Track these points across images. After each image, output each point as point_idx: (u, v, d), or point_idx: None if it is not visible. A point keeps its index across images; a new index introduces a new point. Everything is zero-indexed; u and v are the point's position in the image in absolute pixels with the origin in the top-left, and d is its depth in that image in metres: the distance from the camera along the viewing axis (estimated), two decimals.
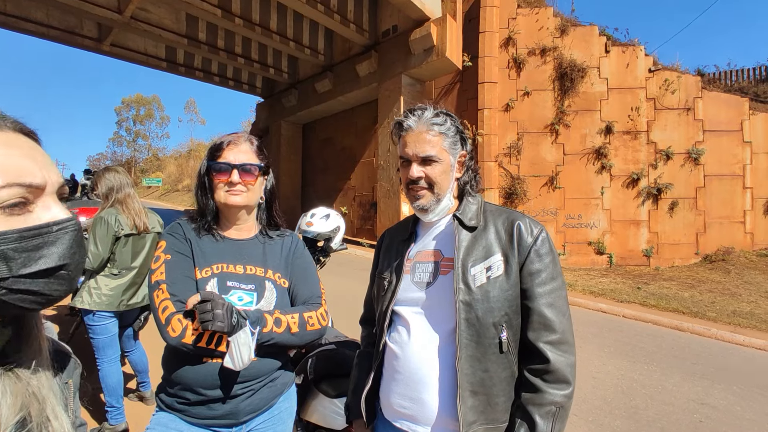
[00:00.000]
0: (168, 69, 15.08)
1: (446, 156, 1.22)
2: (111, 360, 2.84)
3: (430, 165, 1.21)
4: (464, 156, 1.28)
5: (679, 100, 10.05)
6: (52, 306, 2.12)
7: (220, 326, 1.11)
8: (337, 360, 1.87)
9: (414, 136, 1.22)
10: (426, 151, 1.20)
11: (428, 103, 1.27)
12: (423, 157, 1.20)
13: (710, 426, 3.29)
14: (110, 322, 2.82)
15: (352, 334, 2.23)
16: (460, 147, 1.26)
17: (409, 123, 1.23)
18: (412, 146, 1.21)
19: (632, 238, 10.15)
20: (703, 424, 3.31)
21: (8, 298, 0.50)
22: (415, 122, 1.22)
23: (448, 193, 1.24)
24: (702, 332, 5.72)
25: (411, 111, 1.24)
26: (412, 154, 1.21)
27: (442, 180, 1.22)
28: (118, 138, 55.56)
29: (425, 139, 1.20)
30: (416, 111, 1.24)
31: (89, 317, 2.77)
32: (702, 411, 3.52)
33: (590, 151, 10.26)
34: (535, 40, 10.64)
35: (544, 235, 1.17)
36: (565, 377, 1.08)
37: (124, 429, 2.85)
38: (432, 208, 1.23)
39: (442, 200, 1.24)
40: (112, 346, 2.86)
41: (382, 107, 12.13)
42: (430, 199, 1.22)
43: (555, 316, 1.11)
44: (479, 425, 1.09)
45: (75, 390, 0.71)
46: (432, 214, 1.25)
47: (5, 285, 0.50)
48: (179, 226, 1.41)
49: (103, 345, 2.81)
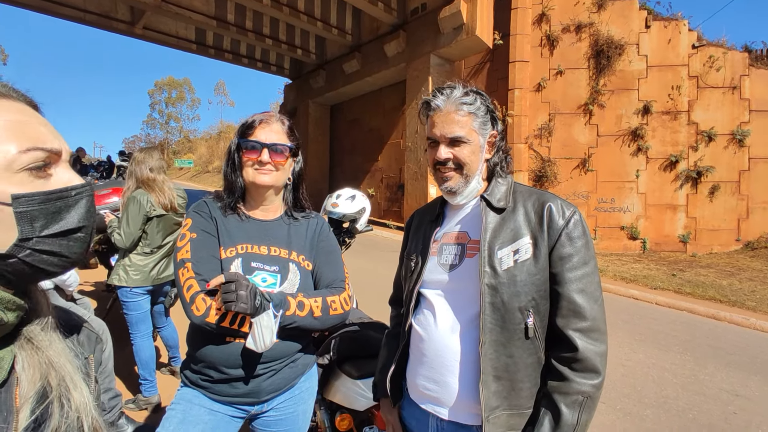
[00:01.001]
0: (198, 51, 15.24)
1: (475, 136, 1.18)
2: (144, 335, 2.97)
3: (459, 146, 1.17)
4: (494, 136, 1.23)
5: (724, 78, 9.48)
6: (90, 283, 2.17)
7: (243, 308, 1.11)
8: (360, 341, 1.89)
9: (442, 116, 1.18)
10: (454, 131, 1.16)
11: (457, 82, 1.22)
12: (451, 137, 1.17)
13: (744, 418, 3.18)
14: (143, 299, 2.94)
15: (377, 316, 2.24)
16: (490, 127, 1.21)
17: (437, 102, 1.19)
18: (440, 126, 1.18)
19: (668, 223, 9.77)
20: (737, 416, 3.20)
21: (32, 259, 0.53)
22: (444, 101, 1.18)
23: (477, 174, 1.21)
24: (740, 322, 5.50)
25: (439, 90, 1.20)
26: (440, 135, 1.18)
27: (471, 161, 1.18)
28: (151, 120, 56.89)
29: (454, 119, 1.16)
30: (445, 90, 1.19)
31: (124, 294, 2.89)
32: (736, 403, 3.41)
33: (626, 132, 9.86)
34: (570, 16, 10.18)
35: (577, 217, 1.11)
36: (594, 366, 1.04)
37: (157, 401, 2.99)
38: (460, 190, 1.20)
39: (471, 182, 1.20)
40: (145, 321, 2.99)
41: (410, 88, 11.95)
42: (458, 181, 1.19)
43: (586, 302, 1.07)
44: (502, 410, 1.07)
45: (97, 365, 0.72)
46: (460, 197, 1.22)
47: (30, 245, 0.52)
48: (205, 204, 1.41)
49: (137, 320, 2.94)
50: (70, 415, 0.57)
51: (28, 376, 0.55)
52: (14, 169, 0.52)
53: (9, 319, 0.54)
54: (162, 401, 3.03)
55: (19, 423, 0.53)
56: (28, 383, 0.55)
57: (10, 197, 0.51)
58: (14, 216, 0.51)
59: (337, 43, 14.54)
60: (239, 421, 1.38)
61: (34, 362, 0.56)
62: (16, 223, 0.51)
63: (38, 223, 0.53)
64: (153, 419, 2.88)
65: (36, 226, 0.53)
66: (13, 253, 0.52)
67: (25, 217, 0.52)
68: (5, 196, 0.51)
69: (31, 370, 0.56)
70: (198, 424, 1.29)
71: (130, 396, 3.08)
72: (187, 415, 1.29)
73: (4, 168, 0.51)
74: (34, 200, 0.52)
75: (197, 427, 1.28)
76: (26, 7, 11.60)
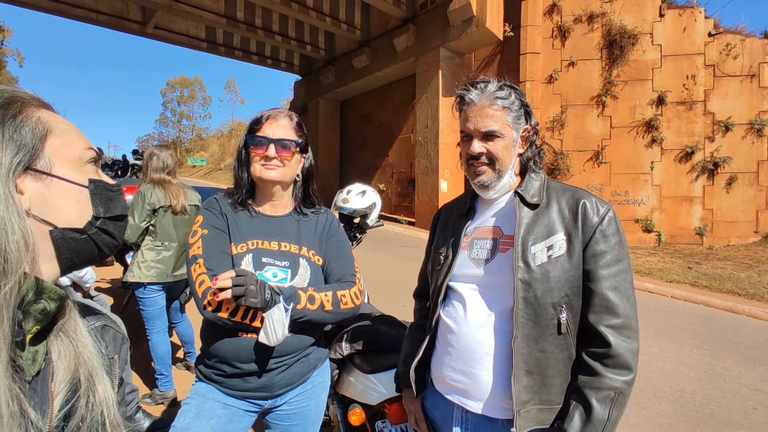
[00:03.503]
0: (208, 49, 15.35)
1: (509, 131, 1.18)
2: (159, 331, 3.02)
3: (492, 140, 1.17)
4: (528, 131, 1.23)
5: (742, 66, 9.27)
6: (106, 280, 2.21)
7: (254, 302, 1.12)
8: (372, 336, 1.89)
9: (476, 110, 1.17)
10: (488, 126, 1.16)
11: (493, 77, 1.22)
12: (485, 132, 1.17)
13: (764, 413, 3.13)
14: (158, 295, 2.98)
15: (388, 311, 2.25)
16: (524, 121, 1.21)
17: (471, 96, 1.18)
18: (474, 120, 1.17)
19: (684, 216, 9.61)
20: (757, 411, 3.15)
21: (97, 237, 0.63)
22: (478, 96, 1.17)
23: (509, 169, 1.21)
24: (759, 315, 5.39)
25: (473, 84, 1.20)
26: (474, 129, 1.18)
27: (504, 156, 1.18)
28: (164, 119, 57.55)
29: (488, 114, 1.16)
30: (479, 84, 1.19)
31: (140, 290, 2.93)
32: (755, 397, 3.35)
33: (640, 123, 9.70)
34: (581, 6, 10.03)
35: (611, 215, 1.12)
36: (626, 363, 1.04)
37: (173, 395, 3.04)
38: (493, 184, 1.20)
39: (504, 177, 1.20)
40: (161, 317, 3.03)
41: (420, 82, 11.89)
42: (491, 176, 1.19)
43: (619, 299, 1.07)
44: (532, 405, 1.08)
45: (122, 364, 0.74)
46: (492, 191, 1.22)
47: (98, 224, 0.63)
48: (216, 201, 1.43)
49: (152, 316, 2.99)
50: (95, 408, 0.59)
51: (64, 364, 0.59)
52: (84, 161, 0.63)
53: (51, 308, 0.56)
54: (178, 396, 3.07)
55: (54, 412, 0.56)
56: (64, 371, 0.58)
57: (87, 181, 0.63)
58: (89, 197, 0.63)
59: (346, 38, 14.52)
60: (253, 415, 1.40)
61: (69, 352, 0.60)
62: (91, 203, 0.62)
63: (103, 206, 0.64)
64: (169, 413, 2.93)
65: (102, 208, 0.64)
66: (85, 228, 0.62)
67: (97, 198, 0.63)
68: (84, 180, 0.63)
69: (67, 360, 0.59)
70: (212, 418, 1.30)
71: (146, 390, 3.13)
72: (201, 410, 1.31)
73: (78, 160, 0.63)
74: (101, 186, 0.65)
75: (211, 421, 1.30)
76: (41, 9, 11.79)
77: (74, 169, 0.61)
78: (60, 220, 0.59)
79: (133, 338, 3.89)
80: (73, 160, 0.62)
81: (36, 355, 0.56)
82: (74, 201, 0.60)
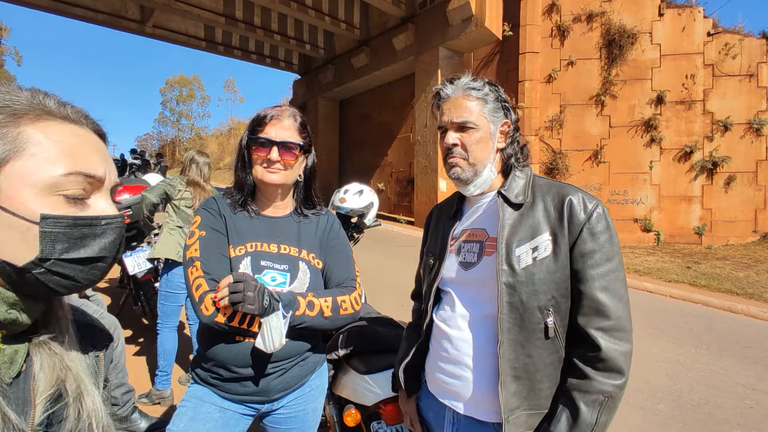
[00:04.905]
0: (207, 48, 15.29)
1: (484, 122, 1.16)
2: (171, 327, 3.15)
3: (467, 132, 1.15)
4: (508, 125, 1.20)
5: (740, 66, 9.25)
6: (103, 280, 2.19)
7: (251, 308, 1.10)
8: (368, 336, 1.89)
9: (450, 102, 1.17)
10: (462, 116, 1.15)
11: (467, 72, 1.22)
12: (458, 123, 1.15)
13: (761, 412, 3.13)
14: (182, 293, 3.12)
15: (385, 311, 2.24)
16: (502, 115, 1.19)
17: (446, 91, 1.19)
18: (448, 113, 1.17)
19: (683, 215, 9.60)
20: (754, 411, 3.15)
21: (44, 278, 0.54)
22: (452, 89, 1.18)
23: (488, 164, 1.18)
24: (757, 315, 5.39)
25: (449, 80, 1.20)
26: (448, 121, 1.17)
27: (478, 149, 1.16)
28: (163, 118, 57.38)
29: (461, 104, 1.15)
30: (454, 79, 1.20)
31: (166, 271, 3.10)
32: (753, 397, 3.35)
33: (639, 123, 9.68)
34: (581, 6, 10.00)
35: (600, 211, 1.08)
36: (618, 366, 1.01)
37: (169, 395, 3.08)
38: (470, 179, 1.18)
39: (481, 171, 1.17)
40: (176, 315, 3.18)
41: (419, 81, 11.86)
42: (466, 169, 1.16)
43: (609, 300, 1.03)
44: (521, 411, 1.06)
45: (108, 363, 0.73)
46: (472, 187, 1.19)
47: (47, 265, 0.53)
48: (214, 201, 1.40)
49: (170, 312, 3.12)
50: (83, 420, 0.59)
51: (45, 376, 0.57)
52: (53, 191, 0.53)
53: (23, 319, 0.55)
54: (174, 397, 3.08)
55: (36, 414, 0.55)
56: (45, 382, 0.57)
57: (39, 216, 0.52)
58: (38, 235, 0.52)
59: (345, 37, 14.47)
60: (249, 418, 1.39)
61: (51, 364, 0.58)
62: (39, 242, 0.52)
63: (60, 245, 0.53)
64: (166, 414, 2.92)
65: (57, 248, 0.53)
66: (27, 268, 0.52)
67: (48, 237, 0.52)
68: (35, 215, 0.52)
69: (48, 371, 0.57)
70: (208, 422, 1.30)
71: (143, 390, 3.14)
72: (197, 413, 1.30)
73: (46, 187, 0.53)
74: (61, 223, 0.53)
75: (207, 425, 1.29)
76: (39, 8, 11.74)
77: (33, 197, 0.52)
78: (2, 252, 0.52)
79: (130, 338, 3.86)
80: (40, 186, 0.52)
81: (14, 356, 0.55)
82: (19, 238, 0.51)
